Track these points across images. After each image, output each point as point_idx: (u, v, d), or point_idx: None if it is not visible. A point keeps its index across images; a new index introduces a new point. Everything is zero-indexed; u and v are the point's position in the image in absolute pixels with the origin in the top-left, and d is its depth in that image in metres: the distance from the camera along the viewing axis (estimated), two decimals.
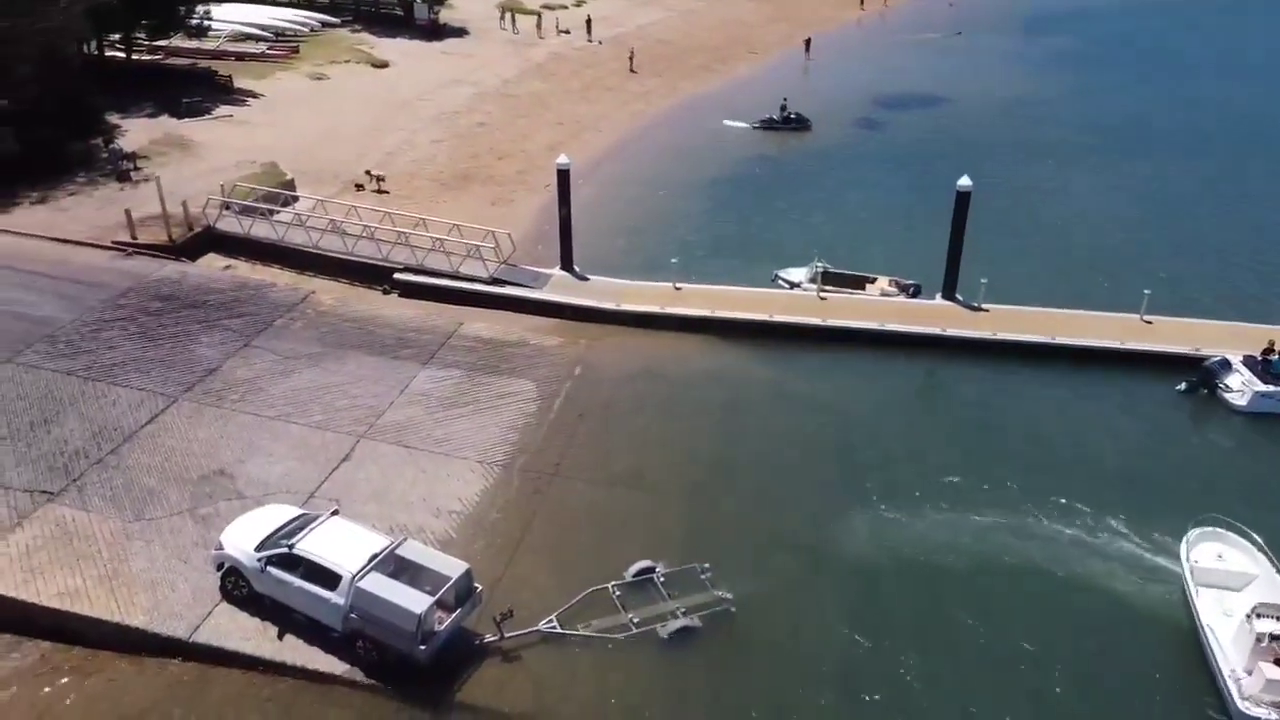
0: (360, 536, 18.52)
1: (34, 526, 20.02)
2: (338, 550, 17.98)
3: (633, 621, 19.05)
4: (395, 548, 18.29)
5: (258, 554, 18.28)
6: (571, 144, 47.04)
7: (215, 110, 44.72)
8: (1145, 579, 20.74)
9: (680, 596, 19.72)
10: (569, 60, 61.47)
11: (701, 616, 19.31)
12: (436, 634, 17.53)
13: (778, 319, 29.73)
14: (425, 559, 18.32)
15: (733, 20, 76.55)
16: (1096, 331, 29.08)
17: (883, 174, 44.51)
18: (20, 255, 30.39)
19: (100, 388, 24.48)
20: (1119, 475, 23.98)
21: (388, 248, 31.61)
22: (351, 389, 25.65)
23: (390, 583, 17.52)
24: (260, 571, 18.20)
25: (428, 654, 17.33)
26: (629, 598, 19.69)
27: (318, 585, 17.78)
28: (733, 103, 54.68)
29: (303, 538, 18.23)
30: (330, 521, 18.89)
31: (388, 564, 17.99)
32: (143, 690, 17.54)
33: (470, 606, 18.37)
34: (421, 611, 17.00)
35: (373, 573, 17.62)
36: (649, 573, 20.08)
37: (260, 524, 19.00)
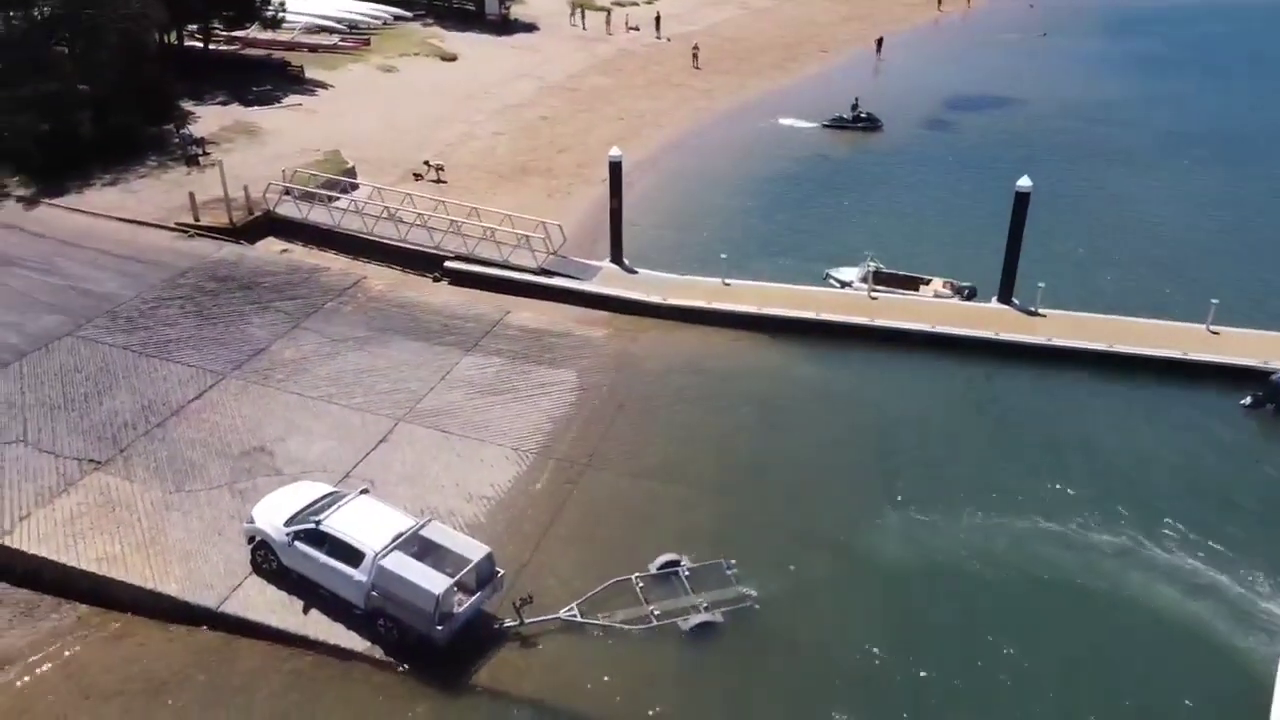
0: (386, 516, 18.72)
1: (79, 493, 20.69)
2: (363, 528, 18.20)
3: (654, 614, 18.91)
4: (419, 528, 18.45)
5: (286, 529, 18.60)
6: (631, 139, 47.08)
7: (285, 99, 45.69)
8: (1195, 604, 19.75)
9: (704, 591, 19.50)
10: (635, 56, 61.47)
11: (724, 612, 19.09)
12: (455, 615, 17.63)
13: (825, 317, 29.27)
14: (448, 541, 18.44)
15: (805, 19, 75.72)
16: (1158, 341, 28.02)
17: (946, 175, 43.58)
18: (90, 234, 31.47)
19: (153, 363, 25.21)
20: (1173, 492, 22.99)
21: (439, 236, 31.96)
22: (394, 373, 25.97)
23: (411, 562, 17.66)
24: (288, 546, 18.52)
25: (445, 635, 17.44)
26: (652, 590, 19.55)
27: (342, 562, 18.03)
28: (799, 101, 54.06)
29: (330, 515, 18.49)
30: (358, 500, 19.13)
31: (411, 544, 18.14)
32: (171, 656, 17.99)
33: (491, 590, 18.44)
34: (440, 592, 17.10)
35: (395, 552, 17.79)
36: (674, 566, 19.92)
37: (291, 500, 19.33)
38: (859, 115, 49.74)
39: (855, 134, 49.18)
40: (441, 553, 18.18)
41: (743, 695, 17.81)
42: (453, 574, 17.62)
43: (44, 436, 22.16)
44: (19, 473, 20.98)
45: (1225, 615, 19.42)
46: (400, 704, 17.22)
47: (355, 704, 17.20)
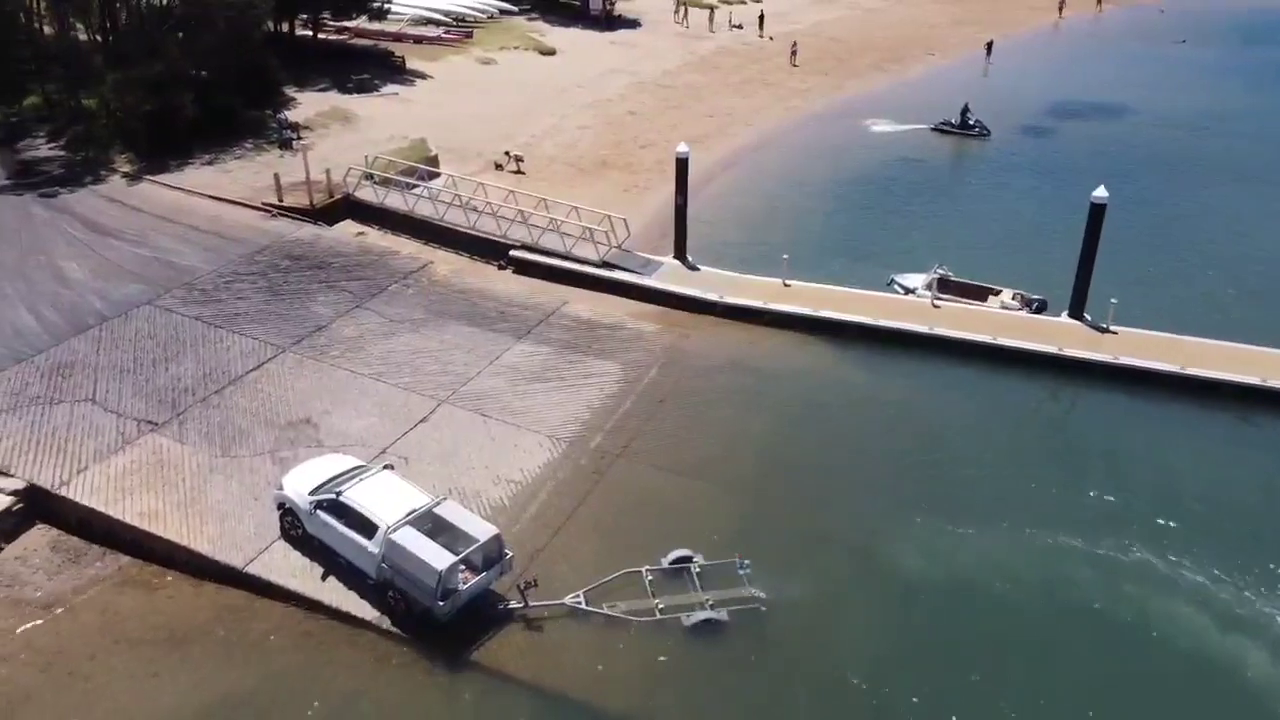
0: (404, 492, 19.30)
1: (134, 451, 21.98)
2: (380, 502, 18.81)
3: (659, 608, 18.96)
4: (433, 506, 18.95)
5: (311, 498, 19.36)
6: (717, 137, 47.15)
7: (383, 88, 47.29)
8: (1239, 645, 18.73)
9: (713, 589, 19.43)
10: (734, 54, 61.26)
11: (730, 612, 18.98)
12: (459, 592, 18.06)
13: (882, 323, 28.69)
14: (460, 520, 18.88)
15: (917, 20, 74.09)
16: (1237, 366, 26.49)
17: (1036, 183, 42.08)
18: (181, 210, 33.28)
19: (220, 333, 26.53)
20: (1234, 525, 21.71)
21: (507, 225, 32.60)
22: (444, 355, 26.66)
23: (420, 538, 18.17)
24: (311, 514, 19.29)
25: (446, 610, 17.88)
26: (662, 584, 19.60)
27: (357, 533, 18.68)
28: (896, 104, 52.98)
29: (351, 487, 19.17)
30: (381, 475, 19.77)
31: (424, 521, 18.66)
32: (196, 610, 18.96)
33: (498, 571, 18.82)
34: (443, 569, 17.55)
35: (406, 527, 18.32)
36: (686, 561, 19.92)
37: (319, 470, 20.11)
38: (968, 121, 48.14)
39: (948, 138, 47.92)
40: (452, 531, 18.63)
41: (738, 696, 17.71)
42: (458, 552, 18.05)
43: (111, 397, 23.61)
44: (83, 429, 22.42)
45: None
46: (399, 673, 17.76)
47: (357, 669, 17.81)
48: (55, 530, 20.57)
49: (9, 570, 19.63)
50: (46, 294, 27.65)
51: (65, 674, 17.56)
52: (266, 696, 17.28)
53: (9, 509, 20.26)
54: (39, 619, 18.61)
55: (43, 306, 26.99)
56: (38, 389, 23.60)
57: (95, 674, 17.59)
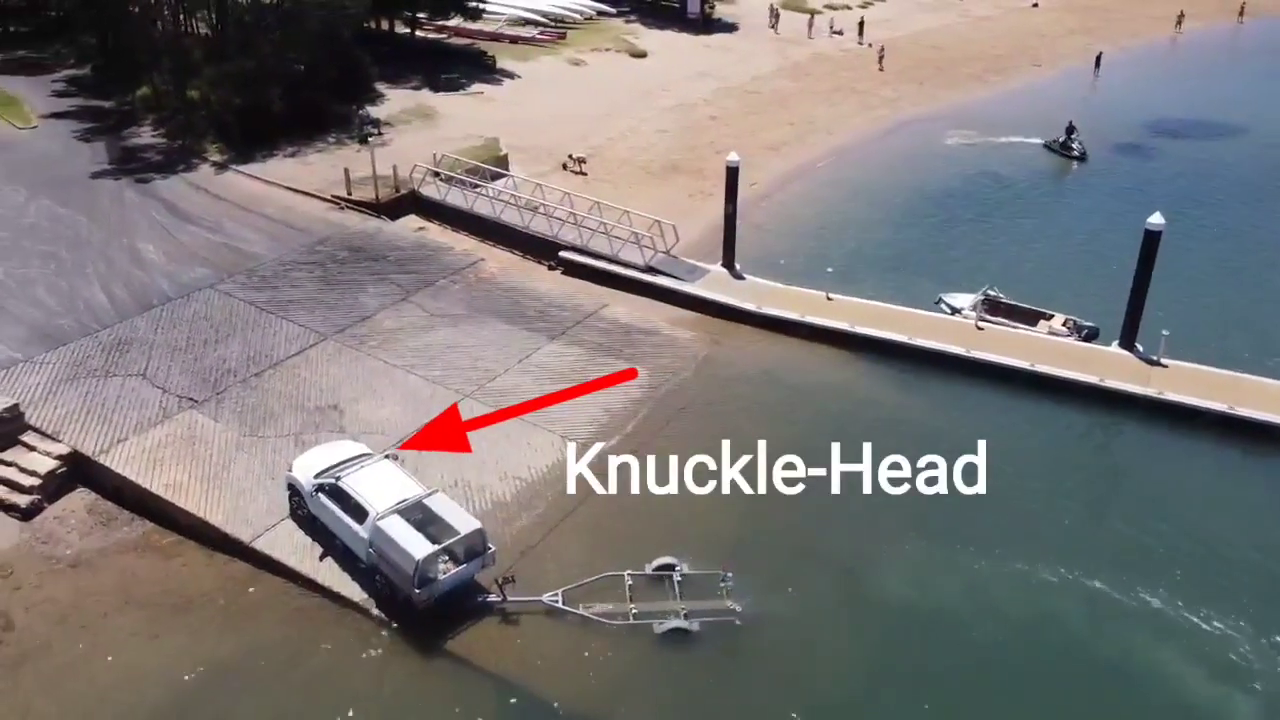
0: (399, 481, 20.14)
1: (171, 425, 23.51)
2: (374, 490, 19.71)
3: (633, 613, 19.29)
4: (424, 497, 19.74)
5: (314, 480, 20.40)
6: (794, 145, 46.88)
7: (470, 87, 48.68)
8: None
9: (691, 599, 19.64)
10: (829, 61, 60.55)
11: (703, 623, 19.14)
12: (438, 582, 18.77)
13: (919, 342, 28.20)
14: (446, 512, 19.59)
15: (1028, 30, 71.59)
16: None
17: (1120, 206, 40.06)
18: (256, 198, 35.17)
19: (270, 319, 28.00)
20: (1252, 579, 20.73)
21: (559, 226, 33.29)
22: (476, 351, 27.50)
23: (405, 526, 18.93)
24: (313, 496, 20.34)
25: (424, 597, 18.61)
26: (641, 589, 19.91)
27: (351, 517, 19.61)
28: (990, 117, 51.45)
29: (350, 474, 20.14)
30: (381, 464, 20.69)
31: (413, 511, 19.43)
32: (204, 579, 20.26)
33: (480, 564, 19.45)
34: (421, 557, 18.28)
35: (394, 515, 19.13)
36: (669, 569, 20.16)
37: (326, 456, 21.14)
38: (1069, 143, 45.68)
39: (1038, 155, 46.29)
40: (437, 522, 19.36)
41: (696, 707, 17.88)
42: (439, 543, 18.74)
43: (160, 373, 25.28)
44: (129, 402, 24.09)
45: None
46: (377, 655, 18.62)
47: (338, 648, 18.73)
48: (94, 494, 22.22)
49: (47, 528, 21.34)
50: (122, 274, 29.70)
51: (78, 627, 19.04)
52: (250, 665, 18.36)
53: (53, 471, 21.98)
54: (64, 575, 20.20)
55: (115, 285, 29.02)
56: (97, 362, 25.45)
57: (104, 630, 19.02)
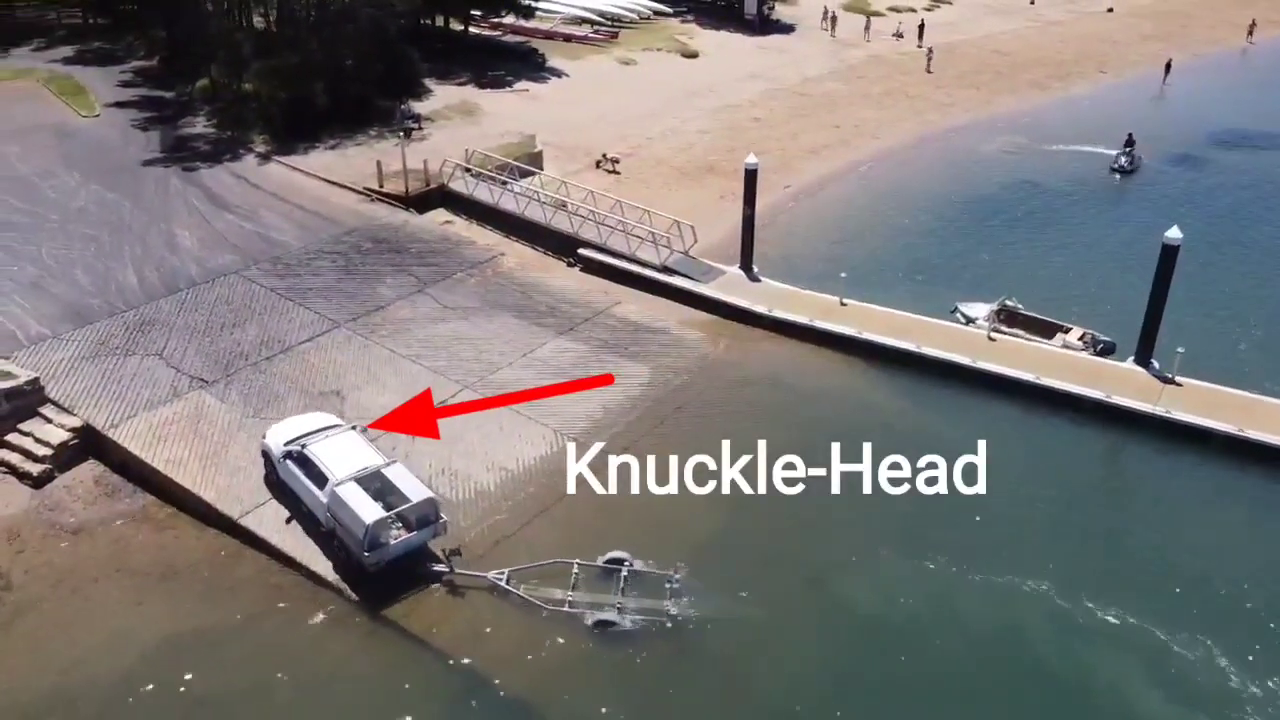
0: (361, 451, 21.16)
1: (180, 404, 24.53)
2: (336, 457, 20.77)
3: (570, 600, 19.70)
4: (382, 467, 20.73)
5: (283, 448, 21.45)
6: (837, 148, 46.61)
7: (516, 84, 49.42)
8: None
9: (634, 595, 19.86)
10: (884, 64, 59.85)
11: (636, 620, 19.34)
12: (387, 547, 19.60)
13: (925, 351, 27.87)
14: (401, 482, 20.49)
15: (1098, 36, 69.74)
16: None
17: (1162, 219, 38.83)
18: (292, 188, 36.35)
19: (288, 305, 28.95)
20: (1243, 607, 20.13)
21: (579, 223, 33.70)
22: (483, 344, 28.03)
23: (359, 493, 19.88)
24: (281, 462, 21.42)
25: (373, 561, 19.52)
26: (586, 579, 20.31)
27: (314, 483, 20.63)
28: (1045, 125, 50.43)
29: (316, 442, 21.21)
30: (346, 434, 21.77)
31: (371, 479, 20.40)
32: (192, 552, 21.13)
33: (431, 532, 20.28)
34: (371, 521, 19.22)
35: (351, 482, 20.10)
36: (620, 564, 20.44)
37: (297, 426, 22.24)
38: (1123, 155, 44.26)
39: (1081, 163, 44.98)
40: (392, 491, 20.29)
41: (627, 702, 18.06)
42: (390, 509, 19.64)
43: (176, 353, 26.36)
44: (144, 380, 25.19)
45: None
46: (341, 629, 19.26)
47: (307, 623, 19.37)
48: (102, 466, 23.32)
49: (56, 496, 22.49)
50: (155, 258, 31.01)
51: (69, 591, 20.07)
52: (220, 634, 19.11)
53: (65, 443, 23.14)
54: (65, 541, 21.29)
55: (148, 269, 30.31)
56: (119, 341, 26.65)
57: (93, 595, 20.01)
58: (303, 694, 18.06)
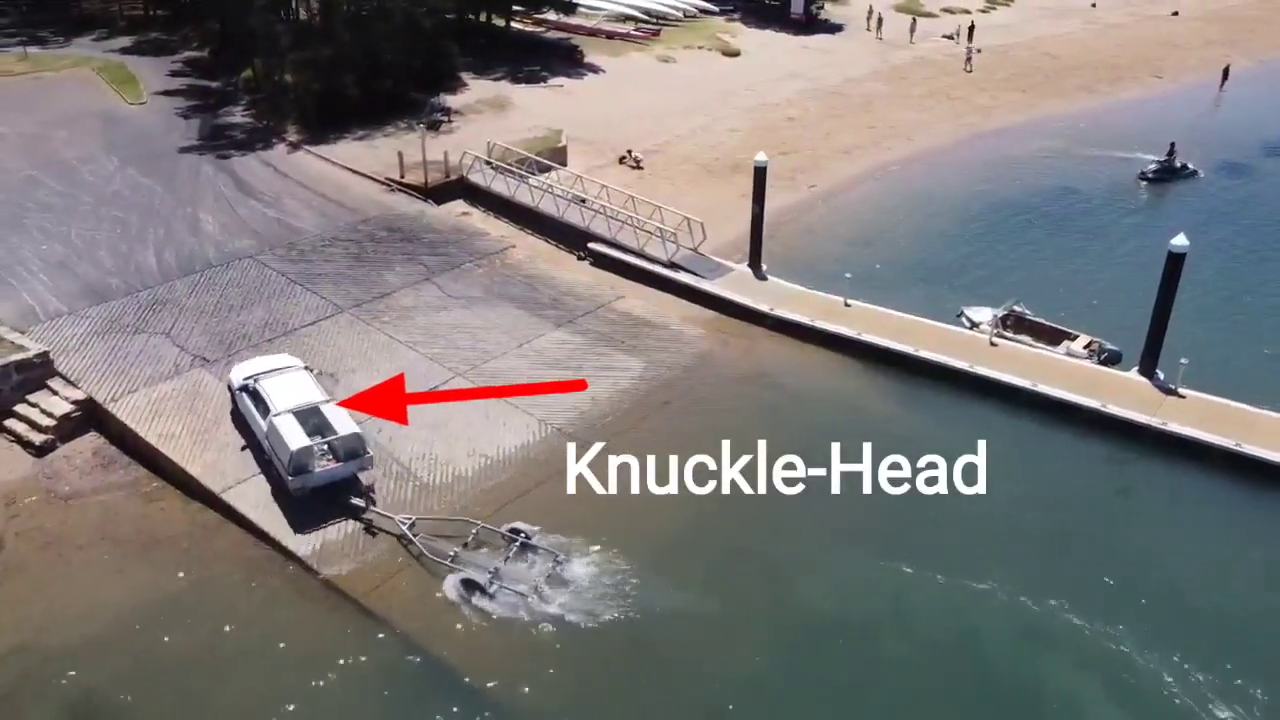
0: (305, 388, 22.86)
1: (179, 381, 25.38)
2: (281, 392, 22.47)
3: (453, 555, 20.41)
4: (320, 404, 22.47)
5: (241, 382, 23.26)
6: (869, 149, 46.13)
7: (551, 80, 49.85)
8: None
9: (513, 566, 20.32)
10: (930, 65, 58.95)
11: (501, 590, 19.74)
12: (312, 474, 21.27)
13: (923, 354, 27.52)
14: (334, 418, 22.12)
15: (1158, 39, 67.74)
16: None
17: (1201, 227, 37.76)
18: (317, 177, 37.25)
19: (296, 290, 29.73)
20: (1217, 624, 19.57)
21: (590, 217, 33.94)
22: (481, 333, 28.43)
23: (292, 423, 21.53)
24: (237, 394, 23.42)
25: (298, 486, 21.26)
26: (481, 541, 20.98)
27: (259, 413, 22.31)
28: (1088, 130, 49.12)
29: (268, 378, 22.94)
30: (297, 373, 23.51)
31: (308, 413, 22.06)
32: (176, 524, 21.88)
33: (357, 465, 21.87)
34: (295, 448, 20.89)
35: (288, 414, 21.73)
36: (518, 534, 20.88)
37: (257, 365, 23.99)
38: (1163, 164, 42.88)
39: (1116, 169, 43.80)
40: (325, 425, 21.98)
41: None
42: (314, 439, 21.32)
43: (182, 332, 27.27)
44: (148, 357, 26.11)
45: None
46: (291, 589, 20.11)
47: (272, 594, 19.97)
48: (102, 439, 24.25)
49: (56, 466, 23.46)
50: (176, 240, 32.08)
51: (55, 555, 20.94)
52: (191, 602, 19.79)
53: (68, 414, 24.12)
54: (58, 508, 22.21)
55: (167, 251, 31.37)
56: (130, 319, 27.66)
57: (76, 561, 20.84)
58: (251, 655, 18.79)
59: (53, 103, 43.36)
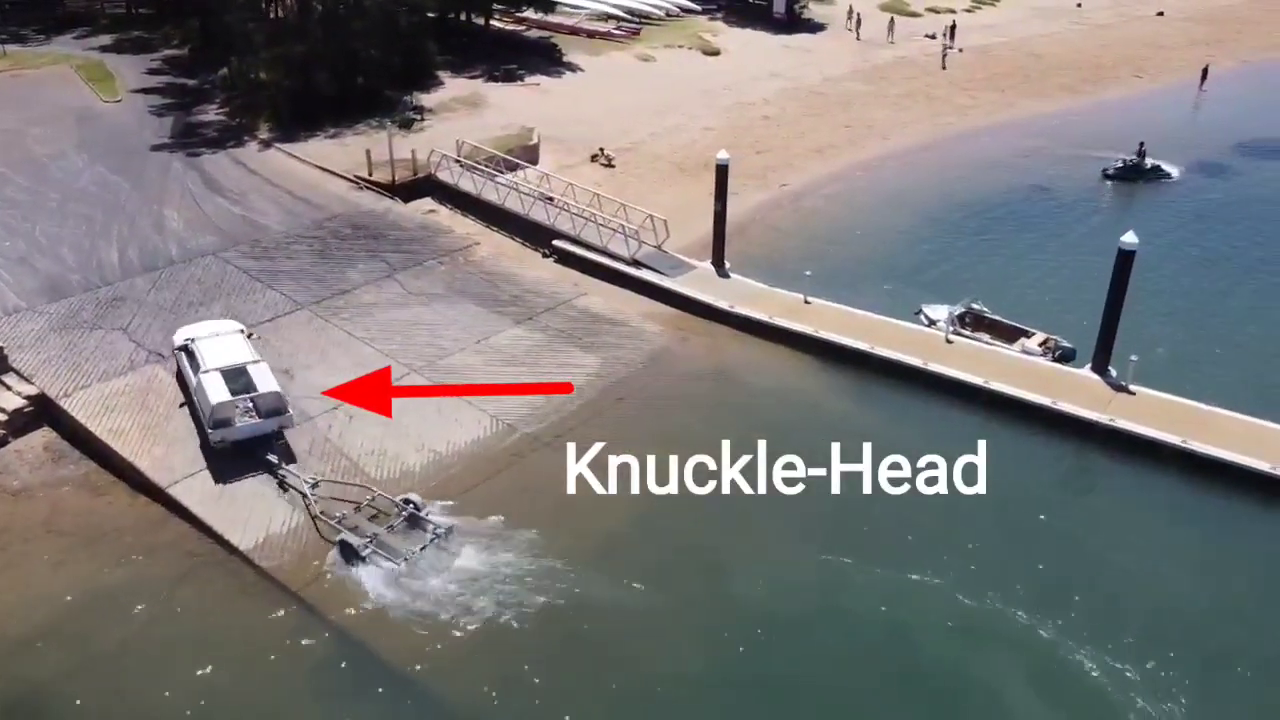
0: (237, 350, 24.10)
1: (134, 376, 25.46)
2: (214, 352, 23.79)
3: (339, 518, 21.08)
4: (248, 364, 23.58)
5: (180, 343, 24.64)
6: (844, 148, 46.24)
7: (528, 78, 49.92)
8: None
9: (394, 534, 20.78)
10: (911, 65, 58.99)
11: (376, 556, 20.21)
12: (233, 428, 22.48)
13: (878, 351, 27.57)
14: (259, 378, 23.31)
15: (1144, 40, 67.78)
16: (1255, 447, 23.28)
17: (1165, 226, 37.82)
18: (285, 174, 37.39)
19: (258, 287, 29.82)
20: (1152, 621, 19.62)
21: (555, 214, 34.03)
22: (440, 330, 28.51)
23: (217, 380, 22.78)
24: (177, 352, 24.75)
25: (218, 439, 22.47)
26: (373, 508, 21.48)
27: (192, 371, 23.61)
28: (1064, 130, 49.28)
29: (204, 340, 24.28)
30: (233, 336, 24.77)
31: (235, 373, 23.16)
32: (122, 518, 21.93)
33: (276, 423, 22.99)
34: (215, 402, 22.18)
35: (215, 371, 23.03)
36: (407, 505, 21.36)
37: (199, 328, 25.36)
38: (1129, 163, 42.99)
39: (1092, 169, 43.79)
40: (250, 384, 23.09)
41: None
42: (235, 395, 22.55)
43: (140, 328, 27.35)
44: (104, 353, 26.20)
45: None
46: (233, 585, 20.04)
47: (208, 586, 20.03)
48: (55, 434, 24.33)
49: (6, 460, 23.52)
50: (140, 237, 32.20)
51: (0, 549, 21.04)
52: (128, 595, 19.83)
53: (20, 409, 24.22)
54: (5, 502, 22.27)
55: (131, 248, 31.49)
56: (88, 315, 27.77)
57: (19, 553, 20.90)
58: (185, 647, 18.81)
59: (28, 100, 43.58)
